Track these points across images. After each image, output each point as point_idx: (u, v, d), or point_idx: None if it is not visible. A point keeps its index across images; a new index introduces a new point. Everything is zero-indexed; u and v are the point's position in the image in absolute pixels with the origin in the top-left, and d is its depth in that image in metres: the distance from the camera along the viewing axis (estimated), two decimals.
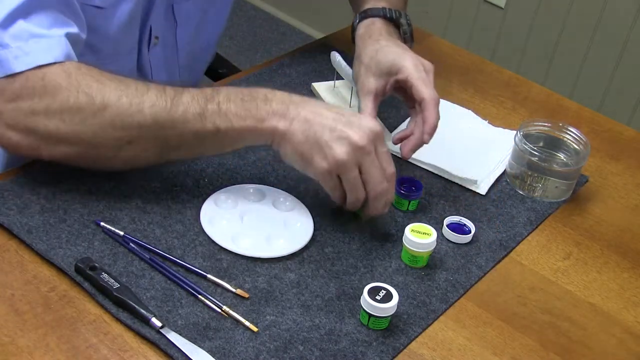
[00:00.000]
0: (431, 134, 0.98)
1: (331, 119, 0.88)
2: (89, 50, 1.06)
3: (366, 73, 1.05)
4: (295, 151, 0.90)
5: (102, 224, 0.91)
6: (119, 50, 1.10)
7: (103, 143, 0.88)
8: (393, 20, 1.12)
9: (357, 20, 1.13)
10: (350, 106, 1.18)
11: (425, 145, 1.01)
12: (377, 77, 1.04)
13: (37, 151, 0.90)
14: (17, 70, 0.86)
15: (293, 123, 0.89)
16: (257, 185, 1.00)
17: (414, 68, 1.00)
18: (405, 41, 1.12)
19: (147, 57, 1.14)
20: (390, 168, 0.91)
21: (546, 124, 1.11)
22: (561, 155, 1.09)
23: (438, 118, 0.98)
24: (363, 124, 0.89)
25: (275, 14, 3.19)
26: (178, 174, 1.01)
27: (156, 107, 0.88)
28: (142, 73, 1.17)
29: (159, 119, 0.88)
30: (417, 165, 1.09)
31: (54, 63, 0.87)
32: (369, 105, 1.03)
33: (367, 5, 1.14)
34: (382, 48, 1.05)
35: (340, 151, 0.87)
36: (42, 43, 0.88)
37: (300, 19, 3.12)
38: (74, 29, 0.92)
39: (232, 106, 0.89)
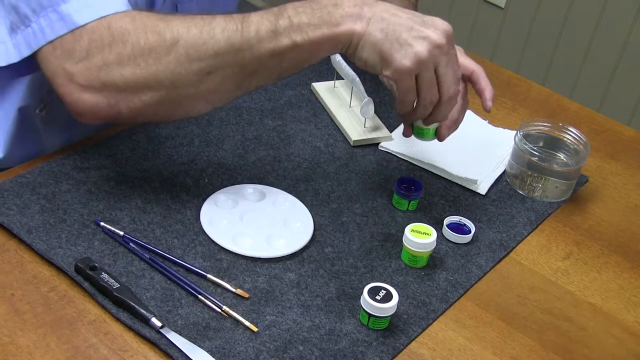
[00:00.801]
0: (493, 99, 1.00)
1: (407, 18, 0.87)
2: None
3: None
4: (374, 50, 0.87)
5: (102, 224, 0.91)
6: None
7: (182, 79, 0.86)
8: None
9: None
10: (350, 106, 1.18)
11: (425, 144, 1.01)
12: None
13: (117, 108, 0.87)
14: (81, 22, 0.85)
15: (370, 23, 0.86)
16: (257, 185, 1.00)
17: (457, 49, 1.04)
18: None
19: None
20: (459, 71, 0.91)
21: (546, 124, 1.11)
22: (561, 155, 1.09)
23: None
24: (438, 24, 0.88)
25: None
26: (178, 174, 1.01)
27: (227, 30, 0.86)
28: None
29: (233, 42, 0.86)
30: (417, 165, 1.09)
31: (118, 13, 0.86)
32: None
33: None
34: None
35: (422, 49, 0.86)
36: None
37: None
38: None
39: (304, 17, 0.86)
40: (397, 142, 1.12)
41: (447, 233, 0.98)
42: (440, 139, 0.98)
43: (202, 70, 0.86)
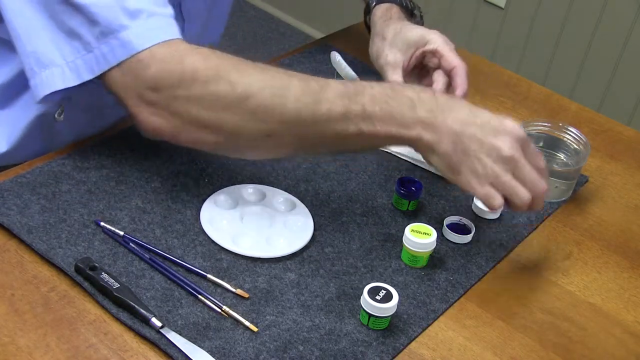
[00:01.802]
0: (466, 97, 1.01)
1: (479, 127, 0.86)
2: None
3: (391, 48, 1.09)
4: (442, 162, 0.87)
5: (102, 224, 0.91)
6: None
7: (243, 134, 0.87)
8: (408, 9, 1.16)
9: (374, 3, 1.16)
10: None
11: None
12: (403, 51, 1.08)
13: (178, 136, 0.88)
14: (140, 48, 0.85)
15: (440, 135, 0.86)
16: (257, 185, 1.00)
17: (442, 40, 1.07)
18: None
19: None
20: (542, 164, 0.89)
21: (546, 124, 1.11)
22: (561, 155, 1.09)
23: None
24: (509, 130, 0.87)
25: (275, 14, 3.19)
26: (178, 174, 1.01)
27: (300, 102, 0.86)
28: None
29: (302, 115, 0.86)
30: (417, 165, 1.09)
31: (175, 41, 0.87)
32: (398, 78, 1.07)
33: None
34: (406, 26, 1.10)
35: (490, 164, 0.85)
36: (161, 21, 0.88)
37: (300, 19, 3.12)
38: (171, 10, 0.91)
39: (377, 109, 0.86)
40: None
41: (447, 233, 0.98)
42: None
43: (263, 132, 0.87)
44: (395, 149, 1.11)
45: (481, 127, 0.86)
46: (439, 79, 1.07)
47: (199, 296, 0.85)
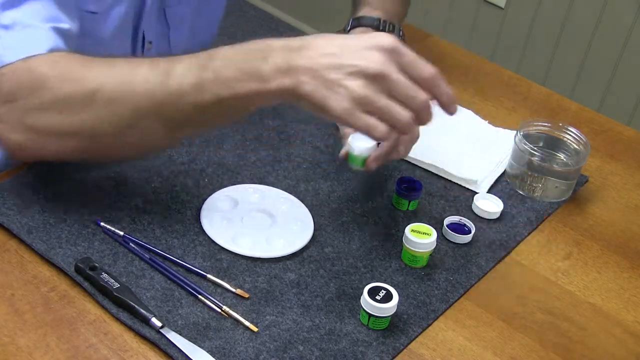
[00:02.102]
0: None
1: (335, 55, 0.78)
2: None
3: None
4: (310, 105, 0.80)
5: (102, 224, 0.91)
6: (114, 56, 1.10)
7: (102, 131, 0.84)
8: (385, 32, 1.06)
9: (349, 27, 1.10)
10: None
11: (426, 145, 1.01)
12: None
13: (42, 150, 0.87)
14: (6, 62, 0.83)
15: (298, 76, 0.78)
16: (257, 185, 1.00)
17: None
18: None
19: None
20: (426, 71, 0.79)
21: (546, 124, 1.11)
22: (561, 155, 1.09)
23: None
24: (370, 45, 0.78)
25: (275, 14, 3.19)
26: (178, 174, 1.01)
27: (149, 83, 0.82)
28: None
29: (154, 95, 0.82)
30: (417, 165, 1.09)
31: (42, 55, 0.84)
32: None
33: (362, 12, 1.10)
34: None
35: (354, 86, 0.77)
36: (33, 34, 0.85)
37: (300, 19, 3.12)
38: (66, 25, 0.89)
39: (230, 71, 0.80)
40: None
41: (447, 233, 0.98)
42: (368, 169, 0.90)
43: (122, 123, 0.83)
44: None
45: (339, 53, 0.78)
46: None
47: (199, 296, 0.85)
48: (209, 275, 0.87)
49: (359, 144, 0.87)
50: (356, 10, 1.13)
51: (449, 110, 0.83)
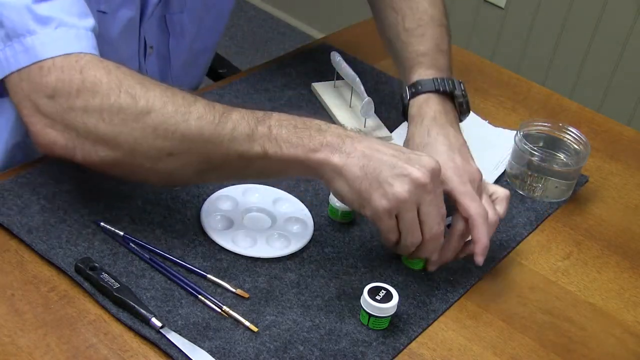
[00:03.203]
0: (484, 254, 0.89)
1: (390, 155, 0.83)
2: None
3: None
4: (351, 188, 0.83)
5: (102, 224, 0.91)
6: (122, 58, 1.09)
7: (142, 151, 0.83)
8: (447, 93, 1.02)
9: (408, 97, 1.03)
10: (350, 106, 1.18)
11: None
12: None
13: (73, 152, 0.85)
14: (44, 56, 0.83)
15: (350, 157, 0.82)
16: (257, 185, 1.00)
17: (458, 180, 0.91)
18: (460, 113, 1.04)
19: (143, 66, 1.14)
20: (444, 209, 0.85)
21: (546, 124, 1.11)
22: (561, 155, 1.09)
23: (489, 235, 0.90)
24: (424, 161, 0.83)
25: (275, 14, 3.19)
26: None
27: (203, 120, 0.82)
28: None
29: (205, 132, 0.82)
30: None
31: (83, 54, 0.84)
32: None
33: (416, 76, 1.03)
34: (430, 144, 0.96)
35: (402, 189, 0.81)
36: (71, 32, 0.85)
37: (300, 19, 3.12)
38: (92, 22, 0.89)
39: (284, 131, 0.83)
40: (397, 142, 1.12)
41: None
42: (428, 270, 0.92)
43: (164, 149, 0.83)
44: None
45: (394, 154, 0.83)
46: (457, 223, 0.91)
47: (199, 296, 0.85)
48: (209, 275, 0.87)
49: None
50: (407, 70, 1.06)
51: (428, 268, 0.91)
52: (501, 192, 0.95)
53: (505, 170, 1.10)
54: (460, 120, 1.04)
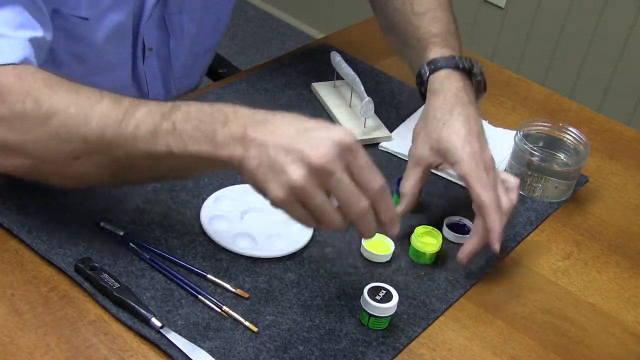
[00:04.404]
0: (499, 241, 0.88)
1: (290, 137, 0.74)
2: (75, 60, 1.05)
3: (423, 143, 0.96)
4: (252, 181, 0.76)
5: (102, 224, 0.91)
6: (110, 62, 1.08)
7: (50, 156, 0.81)
8: (466, 70, 1.00)
9: (428, 73, 1.00)
10: (350, 106, 1.18)
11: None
12: (434, 151, 0.95)
13: None
14: None
15: (248, 149, 0.75)
16: None
17: (473, 165, 0.90)
18: (477, 91, 1.02)
19: (142, 68, 1.14)
20: (375, 181, 0.76)
21: (546, 124, 1.11)
22: (561, 155, 1.09)
23: (503, 222, 0.89)
24: (325, 137, 0.74)
25: (275, 14, 3.19)
26: None
27: (106, 119, 0.78)
28: (137, 84, 1.16)
29: (107, 132, 0.78)
30: None
31: (9, 65, 0.82)
32: (414, 176, 0.95)
33: (432, 54, 1.02)
34: (449, 123, 0.94)
35: (296, 175, 0.72)
36: (3, 43, 0.83)
37: (300, 19, 3.12)
38: (39, 33, 0.87)
39: (189, 127, 0.77)
40: (397, 142, 1.12)
41: (447, 233, 0.98)
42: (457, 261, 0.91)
43: (71, 153, 0.80)
44: (395, 149, 1.11)
45: (295, 135, 0.75)
46: (477, 224, 0.91)
47: (199, 296, 0.85)
48: (209, 275, 0.87)
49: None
50: (422, 52, 1.04)
51: (389, 230, 0.79)
52: (512, 180, 0.94)
53: (505, 170, 1.10)
54: (477, 99, 1.02)
